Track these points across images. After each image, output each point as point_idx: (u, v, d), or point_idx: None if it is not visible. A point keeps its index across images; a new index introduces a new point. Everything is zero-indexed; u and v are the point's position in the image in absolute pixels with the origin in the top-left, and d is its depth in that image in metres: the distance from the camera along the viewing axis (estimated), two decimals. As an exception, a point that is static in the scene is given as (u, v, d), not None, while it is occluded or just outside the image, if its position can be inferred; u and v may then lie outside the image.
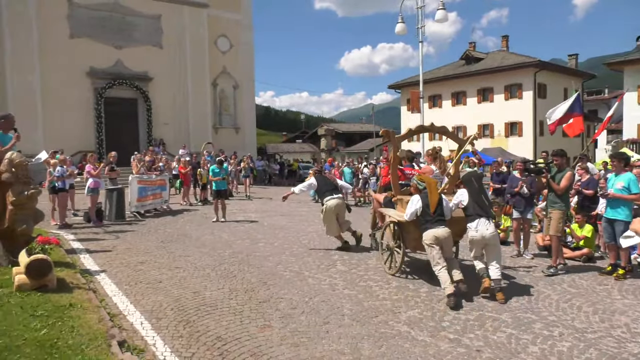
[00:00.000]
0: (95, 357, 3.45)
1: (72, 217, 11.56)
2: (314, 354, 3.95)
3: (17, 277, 5.10)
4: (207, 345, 4.06)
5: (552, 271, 6.72)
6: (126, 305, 5.08)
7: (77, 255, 7.52)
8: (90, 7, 25.43)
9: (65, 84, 24.45)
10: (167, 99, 27.74)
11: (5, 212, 6.08)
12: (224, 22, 30.91)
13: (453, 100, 37.14)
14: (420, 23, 16.58)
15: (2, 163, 6.12)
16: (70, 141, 23.02)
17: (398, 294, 5.67)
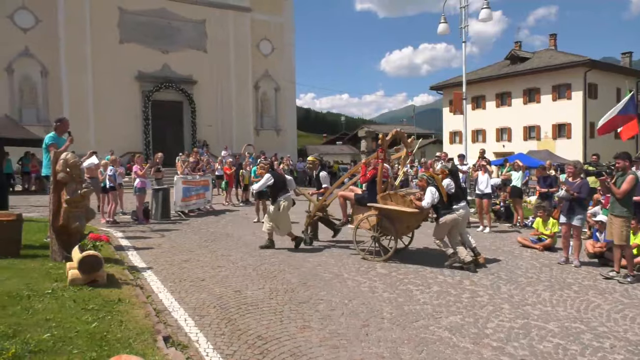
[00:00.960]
0: (142, 351, 3.57)
1: (121, 216, 12.01)
2: (353, 357, 3.95)
3: (70, 271, 5.36)
4: (248, 344, 4.12)
5: (612, 275, 6.53)
6: (171, 302, 5.23)
7: (125, 252, 7.82)
8: (139, 13, 26.41)
9: (115, 88, 25.49)
10: (211, 101, 28.42)
11: (60, 210, 6.39)
12: (266, 25, 31.38)
13: (497, 101, 36.21)
14: (463, 23, 16.28)
15: (58, 163, 6.44)
16: (119, 142, 23.96)
17: (439, 299, 5.58)
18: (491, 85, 36.01)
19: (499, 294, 5.86)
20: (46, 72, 24.47)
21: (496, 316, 5.03)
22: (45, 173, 8.21)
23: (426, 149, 46.83)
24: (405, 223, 7.53)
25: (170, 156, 19.33)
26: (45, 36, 24.18)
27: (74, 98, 24.61)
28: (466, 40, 16.49)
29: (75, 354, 3.50)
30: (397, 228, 7.51)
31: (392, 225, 7.49)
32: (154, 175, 12.38)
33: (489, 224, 11.12)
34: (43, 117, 24.20)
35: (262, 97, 31.81)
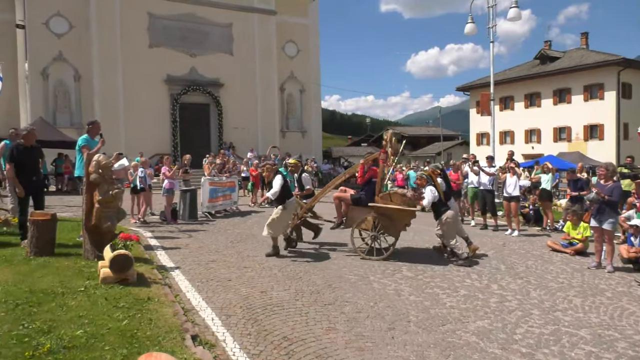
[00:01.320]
0: (171, 349, 3.64)
1: (150, 216, 12.26)
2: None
3: (102, 270, 5.50)
4: (274, 344, 4.16)
5: None
6: (198, 301, 5.31)
7: (154, 251, 7.97)
8: (168, 18, 26.95)
9: (144, 91, 26.07)
10: (237, 103, 28.76)
11: (93, 210, 6.56)
12: (292, 27, 31.59)
13: (526, 101, 35.50)
14: (491, 22, 16.06)
15: (90, 165, 6.63)
16: (147, 144, 24.48)
17: (466, 303, 5.51)
18: (520, 85, 35.32)
19: (529, 299, 5.75)
20: (79, 76, 25.20)
21: (525, 322, 4.94)
22: (78, 174, 8.46)
23: (452, 150, 46.31)
24: (405, 221, 7.92)
25: (197, 158, 19.63)
26: (78, 41, 24.91)
27: (105, 101, 25.27)
28: (494, 40, 16.27)
29: (107, 350, 3.60)
30: (397, 227, 7.85)
31: (392, 224, 7.80)
32: (181, 177, 12.59)
33: (518, 228, 10.91)
34: (76, 119, 24.92)
35: (288, 98, 32.01)
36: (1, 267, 5.94)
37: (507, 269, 7.32)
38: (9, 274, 5.63)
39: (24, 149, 7.42)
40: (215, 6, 28.15)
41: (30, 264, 6.14)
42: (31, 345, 3.58)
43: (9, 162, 7.33)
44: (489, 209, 11.62)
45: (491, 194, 11.68)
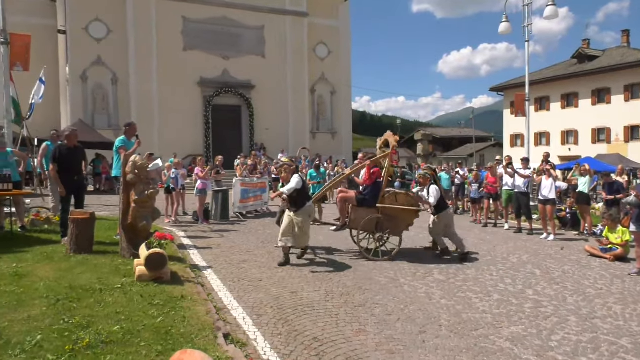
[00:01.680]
0: (204, 347, 3.71)
1: (183, 216, 12.51)
2: (410, 363, 3.90)
3: (137, 268, 5.65)
4: (305, 345, 4.18)
5: None
6: (230, 301, 5.39)
7: (187, 251, 8.13)
8: (202, 21, 27.48)
9: (178, 93, 26.65)
10: (268, 105, 29.04)
11: (129, 210, 6.76)
12: (323, 29, 31.69)
13: (563, 102, 34.50)
14: (526, 21, 15.70)
15: (127, 165, 6.82)
16: (181, 145, 24.99)
17: (500, 308, 5.40)
18: (556, 85, 34.36)
19: (565, 305, 5.59)
20: (116, 79, 25.97)
21: (562, 328, 4.80)
22: (115, 174, 8.73)
23: (485, 152, 45.44)
24: (408, 221, 8.07)
25: (229, 159, 19.93)
26: (116, 45, 25.67)
27: (141, 103, 25.97)
28: (529, 39, 15.89)
29: (143, 346, 3.69)
30: (400, 227, 8.00)
31: (397, 224, 7.92)
32: (214, 178, 12.80)
33: (554, 231, 10.61)
34: (113, 121, 25.68)
35: (318, 100, 32.12)
36: (43, 264, 6.18)
37: (542, 274, 7.14)
38: (51, 270, 5.85)
39: (67, 150, 7.71)
40: (248, 9, 28.52)
41: (70, 261, 6.36)
42: (71, 340, 3.71)
43: (52, 162, 7.62)
44: (524, 212, 11.34)
45: (526, 197, 11.40)
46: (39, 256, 6.61)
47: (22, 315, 4.22)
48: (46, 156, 9.38)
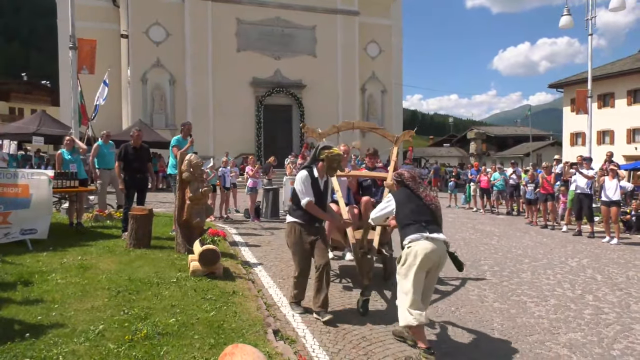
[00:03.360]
0: (254, 342, 3.79)
1: (235, 214, 12.82)
2: (460, 367, 3.82)
3: (192, 263, 5.86)
4: (353, 344, 4.18)
5: None
6: (280, 297, 5.48)
7: (239, 247, 8.33)
8: (255, 23, 28.05)
9: (231, 93, 27.34)
10: (319, 104, 29.20)
11: (184, 206, 7.01)
12: (374, 28, 31.50)
13: (629, 98, 32.46)
14: (590, 14, 14.92)
15: (183, 164, 7.08)
16: (234, 145, 25.64)
17: (557, 313, 5.18)
18: (622, 81, 32.38)
19: (629, 312, 5.28)
20: (174, 80, 26.99)
21: (625, 337, 4.54)
22: (170, 172, 9.08)
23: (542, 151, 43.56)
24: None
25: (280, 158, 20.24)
26: (174, 48, 26.69)
27: (197, 103, 26.85)
28: (592, 33, 15.09)
29: (197, 339, 3.83)
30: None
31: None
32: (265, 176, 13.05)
33: (618, 235, 10.03)
34: (170, 121, 26.73)
35: (369, 99, 31.97)
36: (105, 257, 6.53)
37: (604, 279, 6.77)
38: (112, 263, 6.17)
39: (133, 149, 8.13)
40: (300, 9, 28.81)
41: (130, 255, 6.68)
42: (130, 330, 3.91)
43: (118, 160, 8.07)
44: (586, 214, 10.80)
45: (589, 198, 10.85)
46: (101, 250, 6.99)
47: (86, 306, 4.49)
48: (97, 156, 9.88)
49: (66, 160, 8.94)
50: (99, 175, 9.90)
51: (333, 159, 4.86)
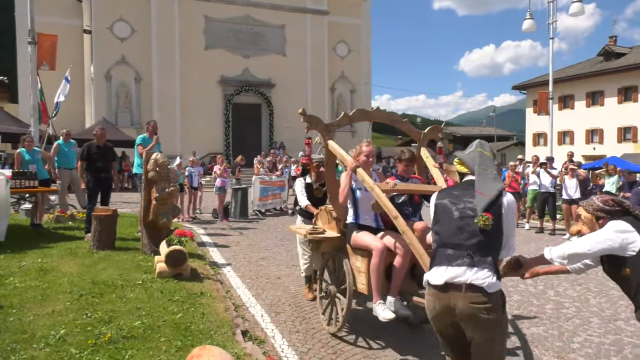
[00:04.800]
0: (222, 343, 3.74)
1: (199, 214, 12.65)
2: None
3: (158, 264, 5.74)
4: (322, 343, 4.19)
5: None
6: (248, 298, 5.44)
7: (207, 248, 8.23)
8: (224, 20, 27.73)
9: (199, 92, 26.95)
10: (288, 103, 29.10)
11: (150, 207, 6.86)
12: (343, 27, 31.63)
13: (588, 100, 33.74)
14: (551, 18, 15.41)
15: (149, 163, 6.93)
16: (202, 144, 25.29)
17: (520, 309, 5.32)
18: (581, 83, 33.62)
19: (588, 306, 5.48)
20: (139, 78, 26.39)
21: (584, 330, 4.71)
22: (136, 171, 8.89)
23: (507, 151, 44.76)
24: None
25: (249, 157, 20.09)
26: (140, 45, 26.08)
27: (163, 102, 26.35)
28: (554, 37, 15.60)
29: (163, 342, 3.75)
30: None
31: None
32: (233, 176, 12.94)
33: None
34: (136, 120, 26.12)
35: (338, 99, 32.09)
36: (67, 259, 6.32)
37: (564, 275, 7.00)
38: (74, 266, 5.99)
39: (96, 148, 7.90)
40: (269, 8, 28.65)
41: (93, 257, 6.50)
42: (93, 334, 3.80)
43: (80, 159, 7.84)
44: (550, 212, 11.16)
45: (553, 197, 11.20)
46: (63, 252, 6.77)
47: (47, 310, 4.33)
48: (57, 155, 9.59)
49: (25, 161, 8.63)
50: (59, 175, 9.60)
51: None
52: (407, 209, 4.56)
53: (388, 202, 3.72)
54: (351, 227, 4.15)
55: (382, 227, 4.19)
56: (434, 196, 2.71)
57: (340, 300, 4.22)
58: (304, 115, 4.48)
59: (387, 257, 3.84)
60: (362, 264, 3.99)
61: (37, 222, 8.54)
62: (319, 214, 4.95)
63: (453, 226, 2.49)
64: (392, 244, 3.89)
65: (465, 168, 2.78)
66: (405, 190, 4.39)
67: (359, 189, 4.17)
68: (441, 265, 2.45)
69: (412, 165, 4.79)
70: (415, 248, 3.40)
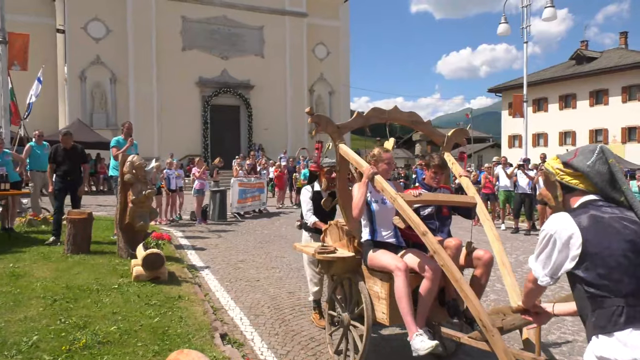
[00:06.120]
0: (201, 347, 3.71)
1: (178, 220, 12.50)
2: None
3: (135, 268, 5.65)
4: (302, 345, 4.18)
5: None
6: (227, 301, 5.40)
7: (185, 251, 8.13)
8: (201, 21, 27.50)
9: (177, 93, 26.66)
10: (267, 105, 29.05)
11: (127, 209, 6.75)
12: (322, 30, 31.70)
13: (561, 103, 34.57)
14: (525, 22, 15.74)
15: (125, 165, 6.82)
16: (179, 146, 25.01)
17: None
18: (554, 87, 34.44)
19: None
20: (115, 78, 25.94)
21: (558, 328, 4.82)
22: (112, 174, 8.73)
23: (483, 153, 45.50)
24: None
25: (227, 159, 19.95)
26: (115, 45, 25.65)
27: (140, 103, 25.96)
28: (528, 41, 15.94)
29: (140, 346, 3.69)
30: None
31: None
32: (211, 178, 12.82)
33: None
34: (112, 121, 25.66)
35: (317, 100, 32.13)
36: (40, 264, 6.18)
37: (539, 274, 7.15)
38: (48, 270, 5.85)
39: (63, 151, 7.70)
40: (247, 9, 28.53)
41: (67, 261, 6.36)
42: (68, 340, 3.71)
43: (49, 162, 7.65)
44: (526, 213, 11.38)
45: (530, 198, 11.42)
46: (36, 256, 6.61)
47: (19, 316, 4.22)
48: (30, 157, 9.38)
49: (-5, 163, 8.38)
50: (31, 178, 9.37)
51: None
52: (433, 224, 3.96)
53: (414, 215, 3.20)
54: (367, 245, 3.61)
55: (403, 244, 3.69)
56: (572, 224, 1.74)
57: (357, 329, 3.59)
58: (311, 115, 3.87)
59: (412, 280, 3.30)
60: (382, 289, 3.41)
61: (8, 226, 8.33)
62: (327, 230, 4.41)
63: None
64: (416, 265, 3.33)
65: (588, 184, 1.87)
66: (432, 201, 3.78)
67: (375, 201, 3.63)
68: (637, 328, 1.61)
69: (441, 172, 4.15)
70: (451, 271, 2.92)
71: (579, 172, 1.87)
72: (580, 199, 1.87)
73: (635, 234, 1.69)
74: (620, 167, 1.87)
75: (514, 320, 2.94)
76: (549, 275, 1.88)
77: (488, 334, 2.76)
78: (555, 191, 1.96)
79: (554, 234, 1.78)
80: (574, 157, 1.91)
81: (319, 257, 3.80)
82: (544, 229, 1.82)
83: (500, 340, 2.73)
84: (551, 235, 1.79)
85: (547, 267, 1.86)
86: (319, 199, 4.72)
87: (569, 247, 1.74)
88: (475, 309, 2.82)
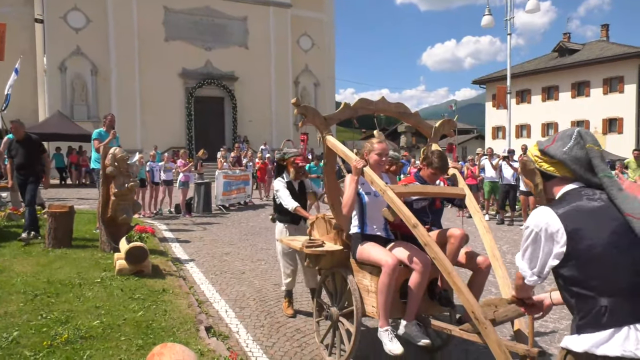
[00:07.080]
0: (185, 340, 3.69)
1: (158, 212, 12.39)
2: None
3: (118, 262, 5.59)
4: (287, 336, 4.18)
5: None
6: (212, 293, 5.37)
7: (169, 244, 8.07)
8: (184, 12, 27.10)
9: (160, 84, 26.29)
10: (252, 97, 28.83)
11: (109, 203, 6.66)
12: (307, 21, 31.49)
13: (543, 95, 34.96)
14: (509, 14, 15.82)
15: (107, 158, 6.72)
16: (163, 138, 24.69)
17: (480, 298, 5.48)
18: (537, 78, 34.80)
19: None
20: (96, 70, 25.47)
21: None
22: (94, 166, 8.59)
23: (467, 144, 45.86)
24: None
25: (212, 151, 19.79)
26: (96, 35, 25.15)
27: (122, 95, 25.56)
28: (511, 33, 16.03)
29: (123, 341, 3.66)
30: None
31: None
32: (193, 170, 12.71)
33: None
34: (93, 113, 25.23)
35: (302, 92, 31.99)
36: (20, 259, 6.07)
37: (522, 264, 7.25)
38: (28, 265, 5.75)
39: (16, 143, 7.34)
40: (231, 0, 28.20)
41: (49, 256, 6.26)
42: (49, 335, 3.66)
43: (8, 156, 7.43)
44: (510, 204, 11.51)
45: (514, 189, 11.54)
46: (16, 251, 6.49)
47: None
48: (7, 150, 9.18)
49: (-28, 156, 8.17)
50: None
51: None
52: (426, 217, 3.85)
53: (404, 207, 3.09)
54: (356, 238, 3.52)
55: (392, 237, 3.62)
56: (556, 220, 1.69)
57: (345, 324, 3.58)
58: (297, 106, 3.70)
59: (401, 273, 3.27)
60: (371, 283, 3.37)
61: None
62: (314, 223, 4.26)
63: (626, 264, 1.62)
64: (406, 258, 3.28)
65: (565, 171, 1.81)
66: (421, 192, 3.58)
67: (367, 193, 3.50)
68: (622, 326, 1.59)
69: (441, 174, 3.93)
70: (442, 264, 2.87)
71: (555, 160, 1.81)
72: (563, 188, 1.81)
73: (620, 228, 1.64)
74: (600, 150, 1.79)
75: (506, 312, 2.96)
76: (537, 274, 1.84)
77: (481, 326, 2.74)
78: (535, 179, 1.89)
79: (538, 231, 1.73)
80: (551, 144, 1.84)
81: (307, 251, 3.72)
82: (528, 225, 1.78)
83: (493, 332, 2.73)
84: (536, 232, 1.74)
85: (533, 266, 1.82)
86: (291, 189, 4.79)
87: (553, 244, 1.70)
88: (468, 302, 2.81)
